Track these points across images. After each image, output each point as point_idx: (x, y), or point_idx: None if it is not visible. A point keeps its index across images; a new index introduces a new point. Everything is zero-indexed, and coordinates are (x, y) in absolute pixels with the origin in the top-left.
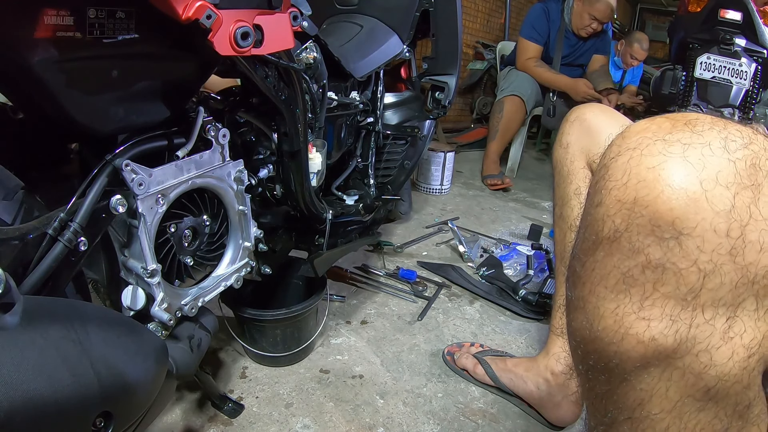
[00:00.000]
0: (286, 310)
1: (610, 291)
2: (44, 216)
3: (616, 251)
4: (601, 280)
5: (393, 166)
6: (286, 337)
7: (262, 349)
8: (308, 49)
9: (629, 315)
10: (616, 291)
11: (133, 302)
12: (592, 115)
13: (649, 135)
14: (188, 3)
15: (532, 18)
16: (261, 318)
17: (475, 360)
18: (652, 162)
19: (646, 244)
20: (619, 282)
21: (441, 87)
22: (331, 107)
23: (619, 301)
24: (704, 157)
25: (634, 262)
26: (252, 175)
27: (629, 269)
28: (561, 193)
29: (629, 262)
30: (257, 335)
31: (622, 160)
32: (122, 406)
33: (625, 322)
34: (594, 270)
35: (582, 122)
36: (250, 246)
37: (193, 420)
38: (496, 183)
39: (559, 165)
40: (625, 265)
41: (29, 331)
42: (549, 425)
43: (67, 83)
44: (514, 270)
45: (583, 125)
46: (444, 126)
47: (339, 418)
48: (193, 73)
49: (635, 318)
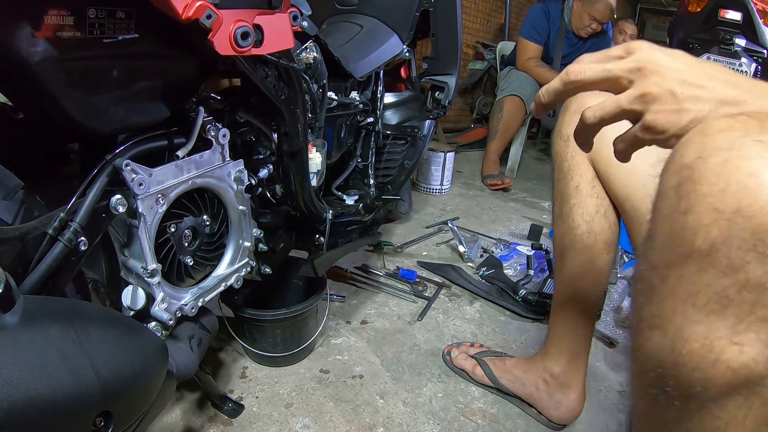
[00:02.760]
0: (286, 310)
1: (699, 311)
2: (44, 216)
3: (710, 267)
4: (689, 298)
5: (393, 166)
6: (286, 337)
7: (262, 349)
8: (308, 49)
9: (720, 339)
10: (707, 312)
11: (133, 302)
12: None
13: (739, 135)
14: (188, 3)
15: (532, 18)
16: (261, 318)
17: (474, 361)
18: (754, 167)
19: (747, 260)
20: (712, 302)
21: (441, 87)
22: (331, 107)
23: (710, 323)
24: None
25: (732, 280)
26: (252, 175)
27: (725, 288)
28: (561, 189)
29: (725, 281)
30: (257, 335)
31: (714, 161)
32: (122, 405)
33: (715, 347)
34: (680, 286)
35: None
36: (250, 246)
37: (193, 420)
38: (496, 183)
39: (559, 159)
40: (721, 284)
41: (29, 331)
42: (549, 424)
43: (67, 83)
44: (514, 270)
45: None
46: (444, 126)
47: (339, 418)
48: (193, 73)
49: (727, 342)
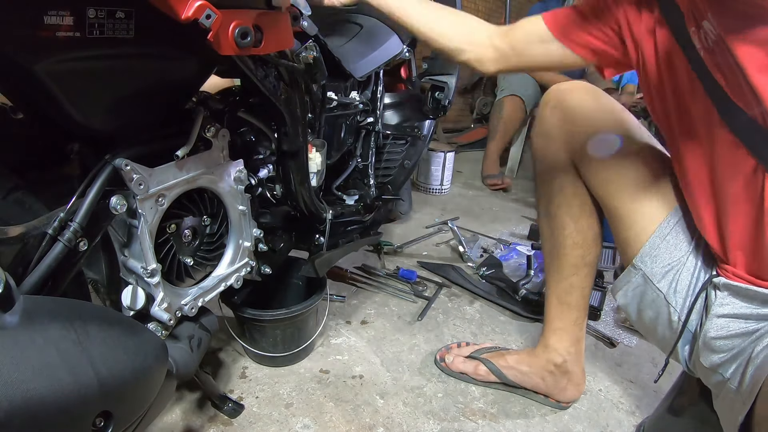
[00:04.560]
0: (286, 310)
1: None
2: (44, 216)
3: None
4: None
5: (393, 166)
6: (286, 338)
7: (262, 349)
8: (308, 49)
9: None
10: None
11: (133, 302)
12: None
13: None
14: (188, 3)
15: None
16: (261, 318)
17: (474, 361)
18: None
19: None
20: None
21: (441, 87)
22: (331, 107)
23: None
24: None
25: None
26: (252, 175)
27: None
28: (546, 188)
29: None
30: (257, 335)
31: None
32: (122, 405)
33: None
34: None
35: (564, 109)
36: (250, 246)
37: (193, 420)
38: (496, 183)
39: (540, 156)
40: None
41: (29, 331)
42: (558, 405)
43: (67, 83)
44: (513, 269)
45: (567, 112)
46: (444, 126)
47: (339, 418)
48: (193, 72)
49: None
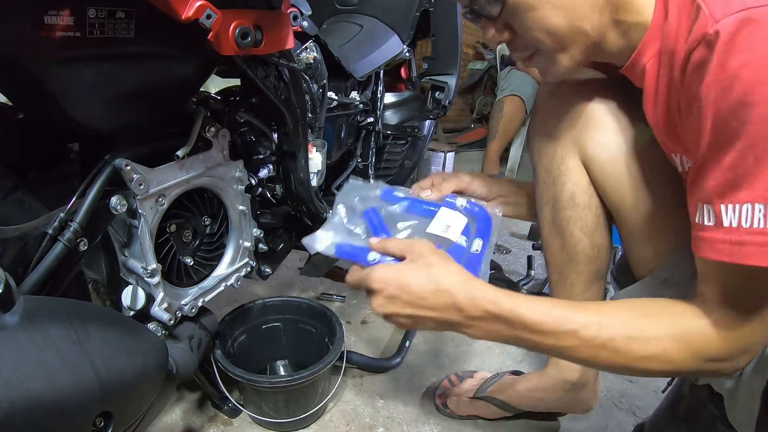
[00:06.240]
0: (288, 377)
1: None
2: (44, 216)
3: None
4: None
5: (393, 166)
6: (290, 403)
7: (263, 414)
8: (308, 49)
9: None
10: None
11: (133, 302)
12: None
13: None
14: (188, 3)
15: None
16: (258, 385)
17: (483, 402)
18: None
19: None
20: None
21: (441, 87)
22: (331, 107)
23: None
24: None
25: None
26: (252, 175)
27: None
28: (553, 195)
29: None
30: (256, 398)
31: None
32: (122, 405)
33: None
34: None
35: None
36: (250, 246)
37: (193, 420)
38: None
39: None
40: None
41: (29, 331)
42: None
43: (67, 83)
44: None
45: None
46: (444, 126)
47: (339, 418)
48: (193, 72)
49: None
